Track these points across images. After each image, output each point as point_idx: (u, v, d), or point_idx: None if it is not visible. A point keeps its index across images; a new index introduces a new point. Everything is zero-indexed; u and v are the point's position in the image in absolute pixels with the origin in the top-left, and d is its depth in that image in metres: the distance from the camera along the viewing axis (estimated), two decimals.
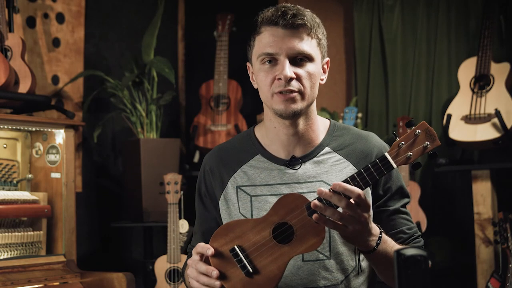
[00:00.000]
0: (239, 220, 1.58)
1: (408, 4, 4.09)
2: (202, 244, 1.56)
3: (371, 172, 1.48)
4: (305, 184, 1.68)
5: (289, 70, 1.60)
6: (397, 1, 4.11)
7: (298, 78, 1.62)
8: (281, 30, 1.61)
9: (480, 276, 3.50)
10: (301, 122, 1.69)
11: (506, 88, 3.50)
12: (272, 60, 1.63)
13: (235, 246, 1.52)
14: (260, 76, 1.66)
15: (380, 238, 1.56)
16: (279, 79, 1.61)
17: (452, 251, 3.90)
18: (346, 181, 1.49)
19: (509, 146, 3.45)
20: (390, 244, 1.60)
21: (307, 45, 1.62)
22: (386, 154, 1.49)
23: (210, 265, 1.54)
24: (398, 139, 1.49)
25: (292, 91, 1.61)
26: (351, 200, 1.45)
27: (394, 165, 1.49)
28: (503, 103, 3.46)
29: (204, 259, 1.56)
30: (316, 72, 1.65)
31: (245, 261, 1.50)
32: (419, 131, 1.49)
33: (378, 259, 1.60)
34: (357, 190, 1.45)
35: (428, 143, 1.49)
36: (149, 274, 3.57)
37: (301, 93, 1.62)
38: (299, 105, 1.63)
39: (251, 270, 1.49)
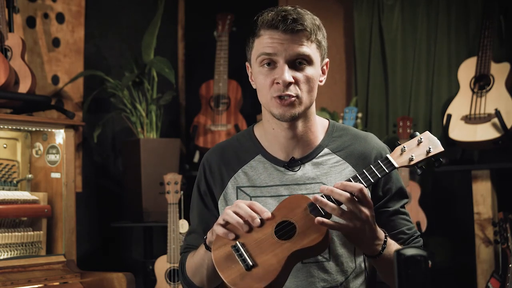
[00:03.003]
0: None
1: (408, 4, 4.09)
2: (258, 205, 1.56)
3: (373, 171, 1.52)
4: (304, 185, 1.68)
5: (287, 75, 1.60)
6: (397, 1, 4.11)
7: (296, 82, 1.61)
8: (281, 34, 1.60)
9: (480, 276, 3.50)
10: (300, 125, 1.69)
11: (506, 88, 3.50)
12: (271, 62, 1.63)
13: (237, 243, 1.53)
14: (259, 79, 1.66)
15: (385, 242, 1.57)
16: (278, 83, 1.61)
17: (452, 251, 3.90)
18: (348, 180, 1.52)
19: (509, 146, 3.45)
20: (394, 248, 1.60)
21: (307, 48, 1.62)
22: (388, 155, 1.52)
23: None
24: (401, 143, 1.54)
25: (290, 96, 1.61)
26: (352, 195, 1.48)
27: (396, 165, 1.51)
28: (503, 103, 3.46)
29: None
30: (315, 75, 1.65)
31: (245, 255, 1.52)
32: (422, 137, 1.53)
33: (383, 263, 1.60)
34: (358, 185, 1.49)
35: (430, 147, 1.52)
36: (149, 274, 3.57)
37: (299, 97, 1.62)
38: (297, 110, 1.63)
39: (250, 263, 1.50)
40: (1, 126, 2.98)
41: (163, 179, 3.55)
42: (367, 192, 1.50)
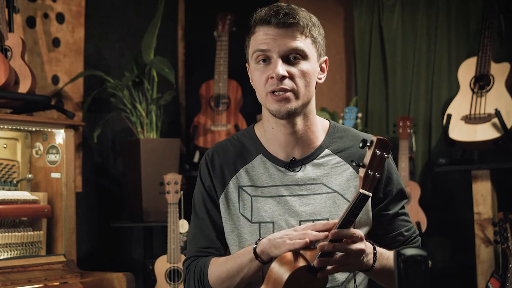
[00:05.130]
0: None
1: (408, 4, 4.09)
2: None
3: (354, 212, 1.47)
4: (305, 186, 1.68)
5: (281, 69, 1.59)
6: (397, 1, 4.11)
7: (291, 76, 1.61)
8: (274, 29, 1.61)
9: (480, 276, 3.50)
10: (299, 122, 1.68)
11: (506, 88, 3.50)
12: (266, 59, 1.63)
13: None
14: (255, 76, 1.66)
15: (375, 254, 1.58)
16: (272, 77, 1.61)
17: (452, 251, 3.90)
18: (339, 225, 1.48)
19: (509, 146, 3.45)
20: (385, 256, 1.61)
21: (300, 42, 1.62)
22: (361, 190, 1.46)
23: None
24: (364, 168, 1.48)
25: (285, 90, 1.60)
26: (350, 241, 1.47)
27: (370, 194, 1.47)
28: (503, 103, 3.46)
29: None
30: (311, 70, 1.64)
31: None
32: (377, 150, 1.48)
33: (376, 273, 1.61)
34: (359, 233, 1.47)
35: (385, 154, 1.49)
36: (149, 274, 3.57)
37: (295, 92, 1.62)
38: (293, 105, 1.62)
39: None
40: (1, 126, 2.98)
41: (163, 179, 3.55)
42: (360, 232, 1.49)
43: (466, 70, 3.64)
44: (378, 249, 1.60)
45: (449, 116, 3.58)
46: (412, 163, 3.83)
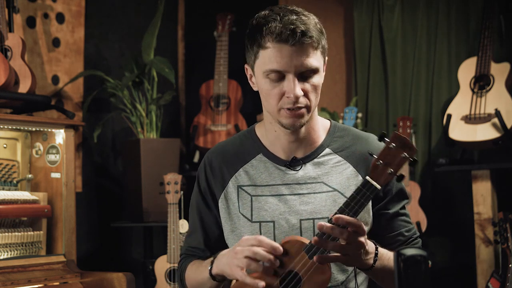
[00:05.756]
0: (251, 280, 1.56)
1: (408, 4, 4.09)
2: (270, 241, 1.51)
3: (358, 200, 1.47)
4: (305, 185, 1.68)
5: (298, 89, 1.58)
6: (397, 1, 4.11)
7: (305, 92, 1.61)
8: (289, 48, 1.57)
9: (480, 276, 3.50)
10: (303, 128, 1.69)
11: (506, 88, 3.50)
12: (280, 76, 1.60)
13: None
14: (264, 87, 1.63)
15: (376, 254, 1.58)
16: (288, 96, 1.59)
17: (452, 251, 3.90)
18: (338, 212, 1.48)
19: (509, 146, 3.45)
20: (386, 257, 1.62)
21: (314, 59, 1.60)
22: (368, 177, 1.48)
23: None
24: (375, 157, 1.48)
25: (300, 108, 1.61)
26: (350, 230, 1.46)
27: (378, 186, 1.48)
28: (503, 103, 3.46)
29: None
30: (320, 81, 1.64)
31: None
32: (393, 144, 1.48)
33: (376, 273, 1.62)
34: (358, 222, 1.46)
35: (405, 153, 1.47)
36: (149, 274, 3.57)
37: (308, 107, 1.63)
38: (306, 119, 1.64)
39: None
40: (1, 126, 2.98)
41: (163, 179, 3.55)
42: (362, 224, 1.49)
43: (466, 70, 3.64)
44: (379, 249, 1.60)
45: (449, 116, 3.58)
46: None
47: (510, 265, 3.14)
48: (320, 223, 1.46)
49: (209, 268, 1.63)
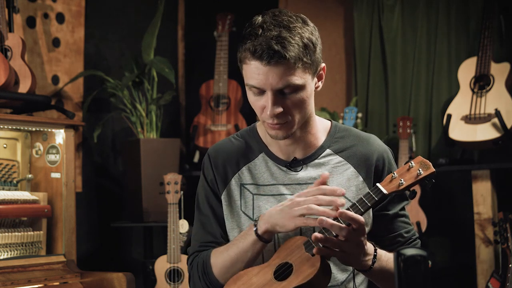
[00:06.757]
0: (248, 269, 1.61)
1: (408, 4, 4.09)
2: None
3: (363, 201, 1.51)
4: (306, 186, 1.68)
5: (272, 109, 1.56)
6: (397, 1, 4.11)
7: (286, 109, 1.58)
8: (265, 66, 1.53)
9: (480, 276, 3.50)
10: (297, 132, 1.68)
11: (506, 88, 3.50)
12: (259, 91, 1.59)
13: None
14: (250, 100, 1.63)
15: (375, 256, 1.58)
16: (267, 112, 1.58)
17: (452, 251, 3.90)
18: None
19: (509, 146, 3.45)
20: (385, 259, 1.62)
21: (294, 76, 1.54)
22: (378, 184, 1.52)
23: None
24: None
25: (280, 123, 1.59)
26: (352, 227, 1.48)
27: (386, 192, 1.50)
28: (503, 103, 3.46)
29: None
30: (306, 96, 1.59)
31: None
32: (413, 163, 1.53)
33: (375, 275, 1.62)
34: (360, 218, 1.48)
35: (420, 169, 1.52)
36: (149, 274, 3.57)
37: (290, 122, 1.60)
38: (290, 131, 1.62)
39: None
40: (1, 126, 2.98)
41: (163, 179, 3.55)
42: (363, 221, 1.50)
43: (466, 70, 3.64)
44: (378, 251, 1.60)
45: (449, 116, 3.58)
46: None
47: (510, 265, 3.14)
48: (320, 218, 1.47)
49: (254, 229, 1.60)
